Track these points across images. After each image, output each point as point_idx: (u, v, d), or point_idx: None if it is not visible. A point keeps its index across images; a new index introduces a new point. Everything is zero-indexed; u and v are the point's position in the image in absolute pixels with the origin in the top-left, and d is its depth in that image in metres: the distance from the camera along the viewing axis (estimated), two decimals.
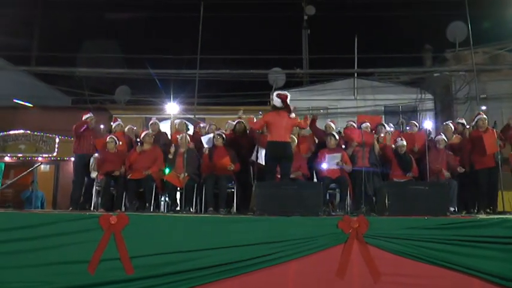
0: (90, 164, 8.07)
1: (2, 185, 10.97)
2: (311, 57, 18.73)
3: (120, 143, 8.15)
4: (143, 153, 7.80)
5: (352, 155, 7.61)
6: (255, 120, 7.94)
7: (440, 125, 8.69)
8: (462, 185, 7.69)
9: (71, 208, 7.84)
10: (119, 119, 9.10)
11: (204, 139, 7.94)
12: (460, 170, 7.59)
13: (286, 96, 6.67)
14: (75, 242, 5.07)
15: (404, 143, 7.74)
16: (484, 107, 11.17)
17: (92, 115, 8.53)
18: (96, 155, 7.99)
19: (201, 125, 9.16)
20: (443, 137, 7.88)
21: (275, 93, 6.81)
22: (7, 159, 14.07)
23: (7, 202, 12.31)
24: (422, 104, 15.67)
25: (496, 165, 7.54)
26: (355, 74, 16.14)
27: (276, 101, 6.65)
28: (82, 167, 8.14)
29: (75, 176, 8.22)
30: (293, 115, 6.70)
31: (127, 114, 14.70)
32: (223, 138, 7.79)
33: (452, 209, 7.07)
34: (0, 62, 17.46)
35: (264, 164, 6.88)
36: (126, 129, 8.80)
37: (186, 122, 9.22)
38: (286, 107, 6.63)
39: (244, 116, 8.55)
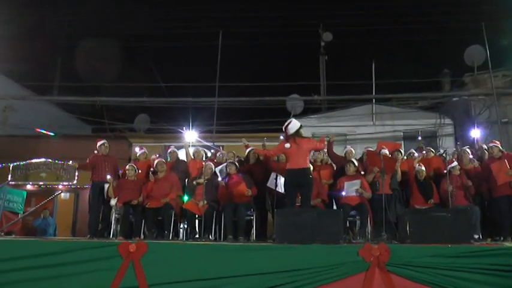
0: (105, 190, 8.11)
1: (24, 213, 11.13)
2: (329, 83, 18.81)
3: (140, 171, 8.19)
4: (158, 181, 7.83)
5: (373, 181, 7.53)
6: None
7: (459, 151, 8.58)
8: (485, 212, 7.53)
9: (89, 236, 7.86)
10: (144, 148, 9.16)
11: (217, 170, 7.95)
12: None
13: (286, 127, 6.66)
14: (94, 269, 5.05)
15: (423, 168, 7.65)
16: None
17: (106, 142, 8.59)
18: (109, 177, 8.00)
19: (218, 153, 9.12)
20: (455, 163, 7.75)
21: (284, 126, 6.79)
22: (29, 187, 14.26)
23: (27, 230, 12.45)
24: (441, 129, 15.51)
25: None
26: (373, 100, 16.10)
27: (291, 129, 6.63)
28: (98, 194, 8.18)
29: (92, 203, 8.26)
30: (244, 140, 7.06)
31: (146, 142, 14.84)
32: (235, 165, 7.79)
33: (476, 236, 6.92)
34: (24, 92, 17.93)
35: (283, 191, 6.83)
36: (143, 157, 8.86)
37: (205, 150, 9.24)
38: (297, 135, 6.60)
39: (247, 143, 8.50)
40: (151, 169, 8.25)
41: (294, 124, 6.65)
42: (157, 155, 9.08)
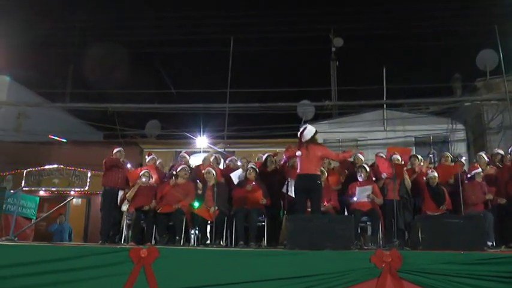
0: (119, 198, 8.16)
1: (36, 218, 11.24)
2: (340, 88, 18.82)
3: (153, 178, 8.22)
4: (177, 186, 7.82)
5: (382, 187, 7.50)
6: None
7: (473, 156, 8.49)
8: (500, 217, 7.44)
9: (100, 241, 7.91)
10: (153, 153, 9.21)
11: (234, 176, 7.93)
12: (501, 201, 7.38)
13: (301, 133, 6.68)
14: (106, 275, 5.08)
15: (436, 174, 7.60)
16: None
17: (122, 149, 8.68)
18: (129, 165, 8.10)
19: (230, 159, 9.10)
20: (480, 170, 7.68)
21: (299, 132, 6.79)
22: (41, 193, 14.41)
23: (40, 235, 12.55)
24: (453, 134, 15.39)
25: None
26: (385, 105, 16.04)
27: (306, 135, 6.64)
28: (110, 200, 8.25)
29: (103, 209, 8.32)
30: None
31: (157, 148, 14.92)
32: (256, 171, 7.77)
33: (490, 243, 6.84)
34: (37, 99, 18.15)
35: (294, 196, 6.83)
36: (157, 162, 8.89)
37: (215, 155, 9.23)
38: (311, 141, 6.61)
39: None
40: (174, 172, 8.20)
41: (309, 130, 6.66)
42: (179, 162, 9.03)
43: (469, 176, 7.53)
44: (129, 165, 8.86)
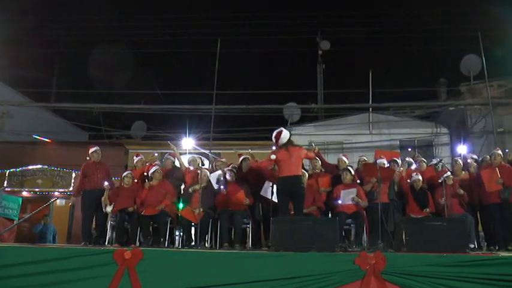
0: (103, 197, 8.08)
1: (19, 219, 11.09)
2: (326, 91, 18.89)
3: (136, 180, 8.17)
4: (152, 188, 7.79)
5: (371, 190, 7.54)
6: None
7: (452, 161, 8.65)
8: (478, 221, 7.57)
9: (83, 243, 7.81)
10: (141, 155, 9.13)
11: (213, 177, 7.92)
12: (459, 191, 7.52)
13: (278, 134, 6.68)
14: (89, 277, 5.05)
15: (420, 177, 7.68)
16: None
17: (99, 149, 8.49)
18: (106, 183, 7.96)
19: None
20: (449, 173, 7.78)
21: (273, 135, 6.79)
22: (25, 193, 14.22)
23: (23, 237, 12.40)
24: (438, 138, 15.56)
25: (503, 201, 7.40)
26: (370, 109, 16.16)
27: (284, 138, 6.65)
28: (90, 201, 8.05)
29: (84, 210, 8.15)
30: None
31: (143, 149, 14.82)
32: (235, 173, 7.80)
33: (471, 245, 6.94)
34: (21, 99, 17.94)
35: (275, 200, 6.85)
36: (140, 164, 8.82)
37: (201, 157, 9.20)
38: (290, 142, 6.63)
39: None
40: (145, 174, 8.21)
41: (285, 133, 6.71)
42: (153, 162, 9.01)
43: (439, 181, 7.61)
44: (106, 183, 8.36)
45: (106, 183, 7.93)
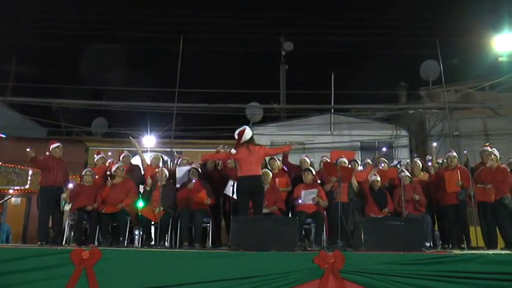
0: (62, 196, 7.87)
1: None
2: (288, 92, 19.00)
3: (97, 176, 8.00)
4: (115, 186, 7.66)
5: (331, 190, 7.63)
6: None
7: (411, 162, 8.88)
8: (434, 221, 7.81)
9: (39, 243, 7.56)
10: (102, 152, 8.95)
11: (179, 173, 7.86)
12: (416, 197, 7.66)
13: (241, 132, 6.68)
14: (45, 277, 4.90)
15: (379, 178, 7.83)
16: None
17: (61, 145, 8.24)
18: (71, 185, 7.80)
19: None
20: (407, 173, 7.98)
21: (235, 133, 6.78)
22: None
23: None
24: (397, 140, 15.91)
25: (460, 202, 7.65)
26: (332, 110, 16.37)
27: (246, 136, 6.64)
28: (48, 199, 7.81)
29: (41, 208, 7.85)
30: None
31: (103, 146, 14.52)
32: (199, 172, 7.75)
33: (428, 244, 7.13)
34: None
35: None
36: (101, 162, 8.66)
37: (162, 155, 9.12)
38: (251, 141, 6.64)
39: (222, 150, 8.50)
40: (108, 173, 8.08)
41: (248, 131, 6.69)
42: (114, 159, 8.88)
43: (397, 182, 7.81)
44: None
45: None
